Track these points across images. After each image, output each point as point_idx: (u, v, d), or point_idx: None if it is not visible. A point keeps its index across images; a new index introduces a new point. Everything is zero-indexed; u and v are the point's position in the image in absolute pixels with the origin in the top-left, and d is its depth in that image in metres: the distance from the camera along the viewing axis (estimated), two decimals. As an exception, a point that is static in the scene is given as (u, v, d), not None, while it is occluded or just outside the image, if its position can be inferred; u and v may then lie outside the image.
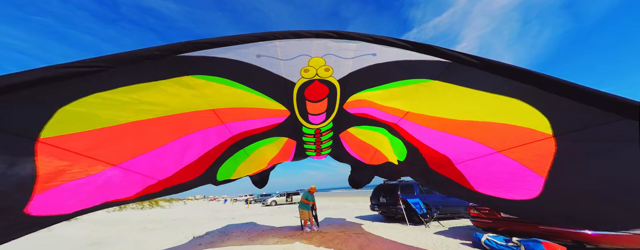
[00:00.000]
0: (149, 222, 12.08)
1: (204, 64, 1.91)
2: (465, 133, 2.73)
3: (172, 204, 27.94)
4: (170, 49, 1.62)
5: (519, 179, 2.53)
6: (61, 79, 1.34)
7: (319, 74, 2.45)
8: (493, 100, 2.04)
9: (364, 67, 2.33)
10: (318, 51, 2.08)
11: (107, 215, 15.74)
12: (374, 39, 1.87)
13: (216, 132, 3.28)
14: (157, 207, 22.58)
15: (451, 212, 8.74)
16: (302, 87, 2.68)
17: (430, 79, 2.20)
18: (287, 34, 1.82)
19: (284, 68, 2.27)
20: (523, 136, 2.18)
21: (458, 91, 2.16)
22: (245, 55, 1.97)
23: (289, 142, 4.81)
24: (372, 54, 2.10)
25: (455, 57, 1.80)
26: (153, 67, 1.72)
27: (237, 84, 2.39)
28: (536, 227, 4.20)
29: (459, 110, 2.46)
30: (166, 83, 1.94)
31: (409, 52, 1.91)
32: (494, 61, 1.71)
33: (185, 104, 2.37)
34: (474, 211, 5.49)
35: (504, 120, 2.20)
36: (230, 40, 1.72)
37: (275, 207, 19.97)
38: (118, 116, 1.99)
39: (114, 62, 1.48)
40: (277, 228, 8.09)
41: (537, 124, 1.97)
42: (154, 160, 2.75)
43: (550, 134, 1.95)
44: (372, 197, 9.84)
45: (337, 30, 1.88)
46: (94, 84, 1.61)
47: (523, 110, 1.93)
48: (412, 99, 2.64)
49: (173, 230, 8.73)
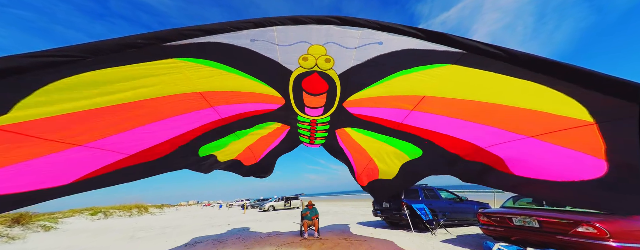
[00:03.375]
0: (138, 230, 11.91)
1: (193, 47, 1.83)
2: (487, 119, 2.58)
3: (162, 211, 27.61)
4: (155, 37, 1.54)
5: (571, 162, 2.33)
6: (24, 70, 1.25)
7: (319, 65, 2.37)
8: (519, 85, 1.93)
9: (368, 60, 2.24)
10: (319, 38, 2.00)
11: (90, 223, 15.42)
12: (380, 26, 1.79)
13: (203, 114, 3.16)
14: (146, 214, 22.33)
15: (459, 219, 8.64)
16: (300, 78, 2.59)
17: (447, 63, 2.08)
18: (285, 19, 1.75)
19: (281, 54, 2.18)
20: (558, 122, 2.06)
21: (478, 74, 2.05)
22: (238, 38, 1.89)
23: (282, 127, 4.71)
24: (378, 43, 2.01)
25: (472, 47, 1.72)
26: (135, 55, 1.64)
27: (228, 68, 2.30)
28: (554, 237, 4.08)
29: (480, 92, 2.32)
30: (145, 66, 1.83)
31: (420, 40, 1.83)
32: (518, 52, 1.61)
33: (167, 87, 2.26)
34: (484, 218, 5.39)
35: (533, 106, 2.08)
36: (222, 27, 1.66)
37: (273, 213, 19.89)
38: (85, 103, 1.89)
39: (92, 52, 1.40)
40: (275, 234, 8.02)
41: (572, 111, 1.86)
42: (126, 137, 2.63)
43: (592, 121, 1.83)
44: (375, 202, 9.74)
45: (341, 16, 1.81)
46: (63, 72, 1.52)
47: (554, 98, 1.83)
48: (426, 82, 2.49)
49: (164, 239, 8.59)
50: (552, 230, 4.14)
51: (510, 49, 1.63)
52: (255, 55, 2.14)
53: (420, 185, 9.32)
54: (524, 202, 5.68)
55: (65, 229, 12.70)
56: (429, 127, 3.34)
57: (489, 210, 5.73)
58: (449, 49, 1.82)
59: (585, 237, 3.73)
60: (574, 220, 3.92)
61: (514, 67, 1.71)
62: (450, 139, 3.34)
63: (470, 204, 9.11)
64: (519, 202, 5.80)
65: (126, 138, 2.61)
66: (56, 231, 11.89)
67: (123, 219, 18.42)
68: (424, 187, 9.12)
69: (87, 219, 16.52)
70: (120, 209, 20.34)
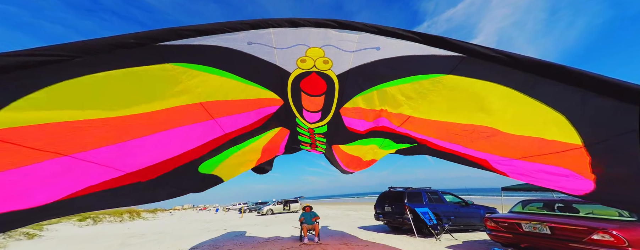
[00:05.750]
0: (129, 236, 11.81)
1: (188, 50, 1.83)
2: (472, 144, 2.69)
3: (156, 215, 27.49)
4: (148, 37, 1.52)
5: (561, 178, 2.45)
6: (9, 70, 1.20)
7: (317, 66, 2.43)
8: (512, 99, 1.97)
9: (366, 64, 2.30)
10: (317, 41, 2.05)
11: (78, 230, 15.22)
12: (378, 30, 1.85)
13: (206, 127, 3.17)
14: (138, 219, 22.22)
15: (465, 224, 8.61)
16: (298, 78, 2.65)
17: (441, 73, 2.14)
18: (282, 21, 1.78)
19: (279, 57, 2.24)
20: (547, 147, 2.13)
21: (471, 86, 2.09)
22: (235, 41, 1.92)
23: (282, 131, 4.76)
24: (375, 48, 2.07)
25: (470, 50, 1.75)
26: (127, 56, 1.60)
27: (225, 73, 2.32)
28: (567, 245, 4.02)
29: (465, 112, 2.38)
30: (141, 71, 1.80)
31: (418, 44, 1.88)
32: (519, 55, 1.63)
33: (166, 98, 2.24)
34: (491, 223, 5.35)
35: (524, 130, 2.14)
36: (218, 28, 1.67)
37: (272, 216, 19.90)
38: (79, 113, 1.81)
39: (80, 51, 1.36)
40: (274, 239, 8.01)
41: (563, 135, 1.92)
42: (122, 152, 2.54)
43: (580, 144, 1.90)
44: (377, 205, 9.72)
45: (338, 19, 1.85)
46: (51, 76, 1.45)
47: (547, 117, 1.88)
48: (415, 99, 2.58)
49: (157, 245, 8.53)
50: (565, 237, 4.08)
51: (510, 53, 1.66)
52: (253, 58, 2.19)
53: (424, 188, 9.30)
54: (534, 207, 5.65)
55: (51, 236, 12.43)
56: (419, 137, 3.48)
57: (496, 215, 5.70)
58: (448, 52, 1.85)
59: (601, 246, 3.65)
60: (589, 226, 3.85)
61: (514, 72, 1.72)
62: (442, 148, 3.47)
63: (477, 208, 9.09)
64: (528, 206, 5.77)
65: (118, 151, 2.52)
66: (40, 239, 11.60)
67: (114, 225, 18.27)
68: (427, 190, 9.09)
69: (74, 225, 16.30)
70: (111, 214, 20.20)
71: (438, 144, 3.35)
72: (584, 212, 4.72)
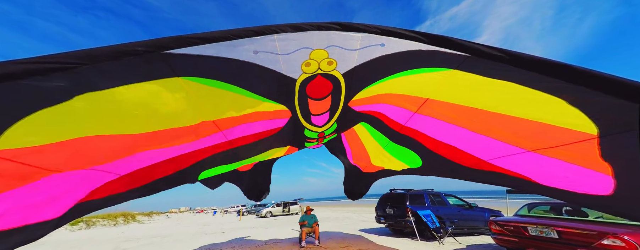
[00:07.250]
0: (124, 240, 11.75)
1: (197, 63, 1.89)
2: (488, 129, 2.69)
3: (151, 218, 27.36)
4: (155, 45, 1.54)
5: (578, 177, 2.41)
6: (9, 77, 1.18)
7: (322, 68, 2.48)
8: (521, 92, 2.01)
9: (372, 60, 2.35)
10: (320, 43, 2.09)
11: (70, 234, 15.16)
12: (381, 31, 1.88)
13: (215, 139, 3.30)
14: (133, 223, 22.12)
15: (468, 227, 8.63)
16: (304, 83, 2.70)
17: (449, 68, 2.20)
18: (285, 27, 1.82)
19: (284, 64, 2.28)
20: (560, 136, 2.14)
21: (480, 81, 2.15)
22: (242, 52, 1.97)
23: (290, 149, 4.99)
24: (380, 45, 2.11)
25: (473, 50, 1.80)
26: (135, 66, 1.62)
27: (235, 88, 2.41)
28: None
29: (481, 99, 2.43)
30: (153, 85, 1.86)
31: (421, 44, 1.93)
32: (522, 54, 1.68)
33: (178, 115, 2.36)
34: (496, 227, 5.36)
35: (535, 116, 2.16)
36: (224, 35, 1.69)
37: (271, 219, 19.91)
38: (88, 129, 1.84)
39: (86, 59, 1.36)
40: (273, 242, 8.02)
41: (575, 123, 1.92)
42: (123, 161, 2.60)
43: (595, 134, 1.91)
44: (378, 207, 9.72)
45: (341, 22, 1.88)
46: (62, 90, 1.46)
47: (558, 107, 1.90)
48: (429, 85, 2.63)
49: (152, 250, 8.51)
50: (573, 242, 4.07)
51: (513, 51, 1.70)
52: (260, 69, 2.24)
53: (427, 190, 9.31)
54: (541, 211, 5.66)
55: (42, 241, 12.27)
56: (432, 135, 3.46)
57: (501, 218, 5.71)
58: (452, 51, 1.90)
59: None
60: (599, 231, 3.83)
61: (518, 70, 1.77)
62: (453, 149, 3.43)
63: (481, 211, 9.10)
64: (534, 210, 5.78)
65: (122, 163, 2.60)
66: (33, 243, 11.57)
67: (107, 229, 18.22)
68: (430, 192, 9.08)
69: (66, 229, 16.20)
70: (105, 217, 20.08)
71: (451, 143, 3.32)
72: (593, 216, 4.69)
